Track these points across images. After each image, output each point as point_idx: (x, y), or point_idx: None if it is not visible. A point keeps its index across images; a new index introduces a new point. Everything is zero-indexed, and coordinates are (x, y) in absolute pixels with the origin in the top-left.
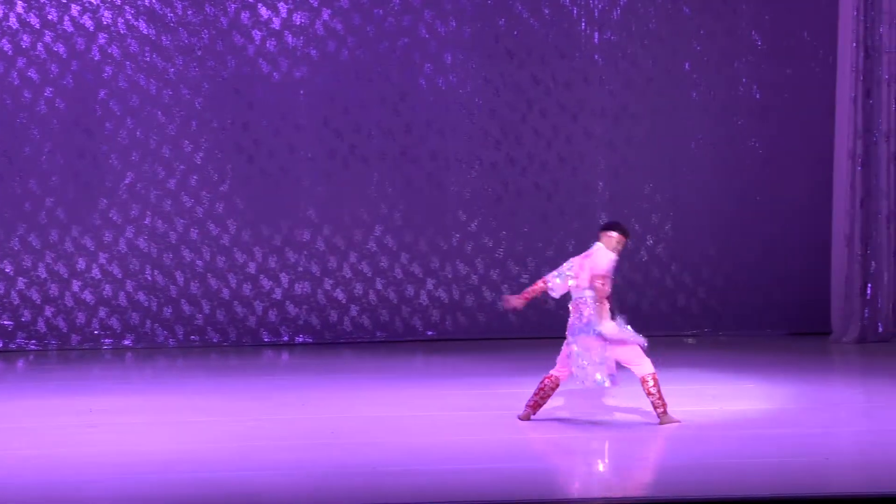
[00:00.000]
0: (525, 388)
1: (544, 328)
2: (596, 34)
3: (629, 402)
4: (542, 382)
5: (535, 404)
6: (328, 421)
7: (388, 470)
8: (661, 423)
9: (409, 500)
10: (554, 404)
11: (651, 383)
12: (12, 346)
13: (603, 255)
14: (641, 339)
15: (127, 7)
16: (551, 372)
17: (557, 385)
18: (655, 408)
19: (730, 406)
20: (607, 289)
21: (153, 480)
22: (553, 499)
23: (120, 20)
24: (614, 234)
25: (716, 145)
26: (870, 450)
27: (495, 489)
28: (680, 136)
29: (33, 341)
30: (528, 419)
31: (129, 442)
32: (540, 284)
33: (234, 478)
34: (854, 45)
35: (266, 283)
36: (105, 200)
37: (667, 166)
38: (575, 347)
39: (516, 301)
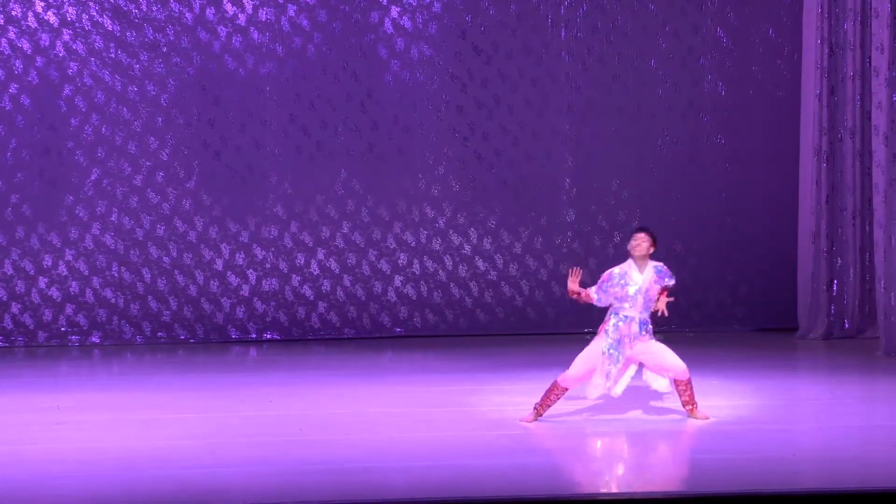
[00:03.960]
0: (491, 385)
1: (512, 325)
2: (562, 31)
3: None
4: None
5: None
6: (295, 418)
7: (354, 467)
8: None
9: (375, 497)
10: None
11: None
12: None
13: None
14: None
15: (91, 3)
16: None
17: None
18: (686, 405)
19: (700, 402)
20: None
21: (119, 478)
22: (518, 496)
23: (84, 16)
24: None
25: (682, 142)
26: (834, 446)
27: (460, 486)
28: (646, 132)
29: (0, 338)
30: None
31: (95, 439)
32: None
33: (200, 475)
34: (819, 41)
35: (233, 279)
36: (71, 197)
37: (633, 163)
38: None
39: (574, 288)
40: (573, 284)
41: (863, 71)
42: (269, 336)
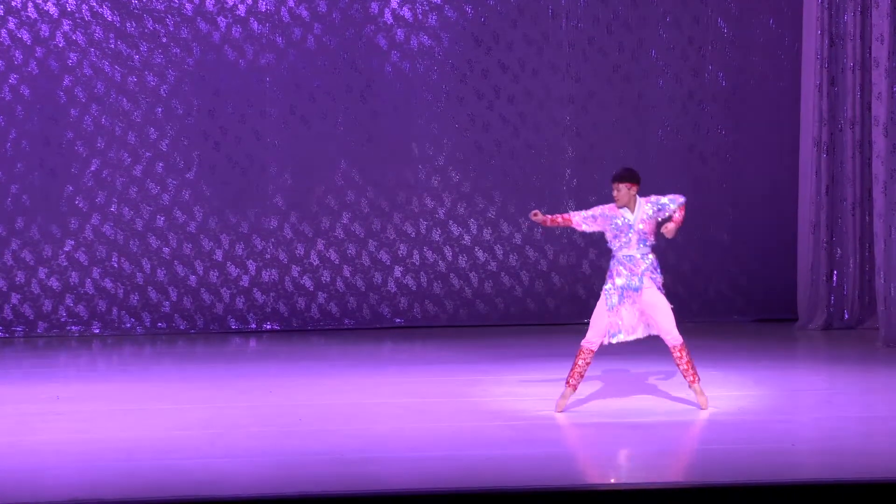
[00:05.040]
0: (491, 376)
1: (512, 316)
2: (563, 21)
3: (587, 391)
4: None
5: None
6: (295, 408)
7: (354, 457)
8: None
9: (374, 488)
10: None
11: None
12: None
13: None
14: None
15: None
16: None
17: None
18: (686, 375)
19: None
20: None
21: (119, 468)
22: (518, 486)
23: (84, 7)
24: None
25: (682, 133)
26: (833, 437)
27: (461, 476)
28: (646, 123)
29: (0, 328)
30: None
31: (94, 429)
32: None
33: (200, 465)
34: (819, 32)
35: (233, 270)
36: (71, 187)
37: (633, 154)
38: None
39: (541, 219)
40: (538, 215)
41: (863, 61)
42: (268, 326)
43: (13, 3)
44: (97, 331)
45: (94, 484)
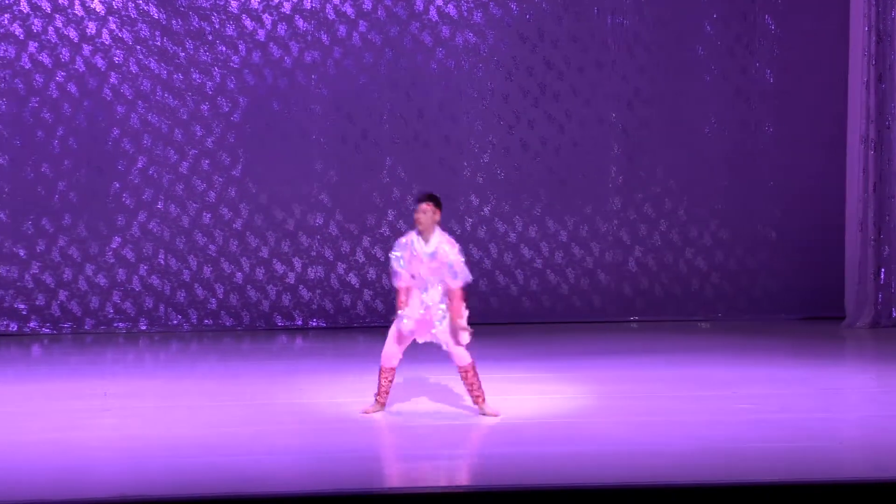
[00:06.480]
0: (534, 374)
1: (557, 314)
2: (608, 18)
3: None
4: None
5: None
6: (340, 406)
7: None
8: (482, 413)
9: (411, 485)
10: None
11: (472, 373)
12: (26, 329)
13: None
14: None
15: None
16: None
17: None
18: (474, 397)
19: (742, 390)
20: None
21: (165, 464)
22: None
23: (130, 4)
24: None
25: (729, 130)
26: (881, 435)
27: (497, 475)
28: (693, 120)
29: (47, 325)
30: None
31: (141, 426)
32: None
33: (244, 462)
34: (866, 29)
35: (279, 267)
36: (118, 184)
37: (680, 151)
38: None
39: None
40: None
41: None
42: (314, 324)
43: (60, 1)
44: (144, 327)
45: (140, 481)
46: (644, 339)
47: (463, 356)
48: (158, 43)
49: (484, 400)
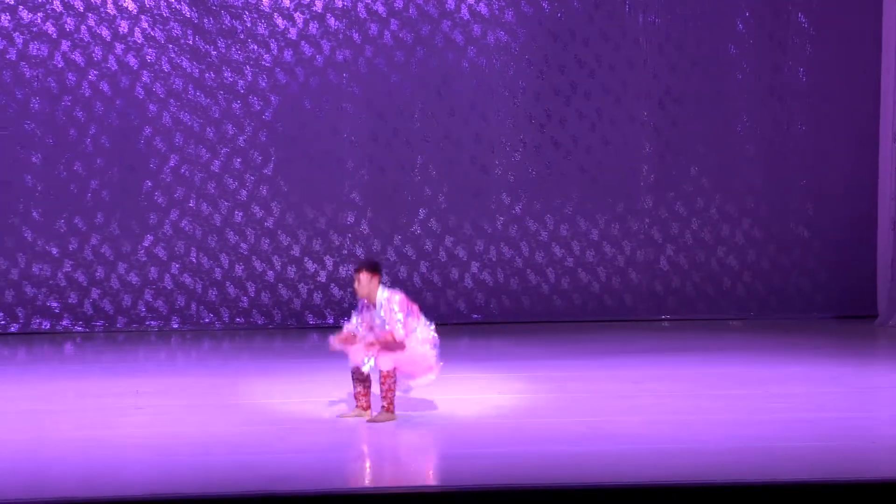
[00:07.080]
0: (566, 372)
1: (589, 312)
2: (640, 16)
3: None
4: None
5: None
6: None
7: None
8: (373, 418)
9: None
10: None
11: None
12: (59, 328)
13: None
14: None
15: None
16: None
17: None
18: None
19: (774, 389)
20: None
21: (196, 462)
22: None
23: (163, 3)
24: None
25: (761, 128)
26: None
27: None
28: (725, 119)
29: (80, 323)
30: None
31: (173, 424)
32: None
33: (275, 460)
34: None
35: (311, 265)
36: (150, 183)
37: (712, 150)
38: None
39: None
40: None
41: None
42: (346, 322)
43: (93, 0)
44: (176, 326)
45: (171, 478)
46: (675, 337)
47: (386, 363)
48: (190, 41)
49: (388, 409)
